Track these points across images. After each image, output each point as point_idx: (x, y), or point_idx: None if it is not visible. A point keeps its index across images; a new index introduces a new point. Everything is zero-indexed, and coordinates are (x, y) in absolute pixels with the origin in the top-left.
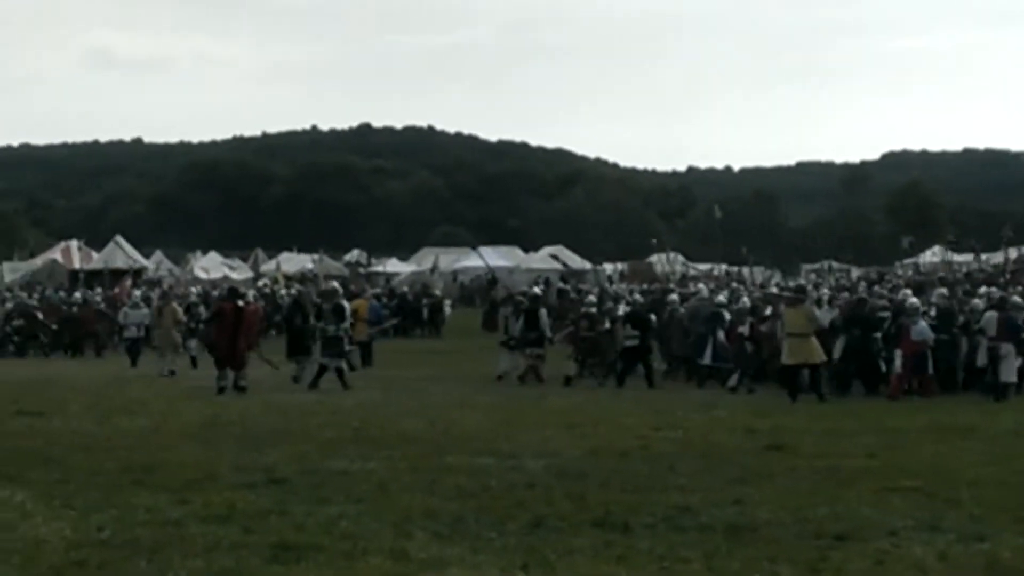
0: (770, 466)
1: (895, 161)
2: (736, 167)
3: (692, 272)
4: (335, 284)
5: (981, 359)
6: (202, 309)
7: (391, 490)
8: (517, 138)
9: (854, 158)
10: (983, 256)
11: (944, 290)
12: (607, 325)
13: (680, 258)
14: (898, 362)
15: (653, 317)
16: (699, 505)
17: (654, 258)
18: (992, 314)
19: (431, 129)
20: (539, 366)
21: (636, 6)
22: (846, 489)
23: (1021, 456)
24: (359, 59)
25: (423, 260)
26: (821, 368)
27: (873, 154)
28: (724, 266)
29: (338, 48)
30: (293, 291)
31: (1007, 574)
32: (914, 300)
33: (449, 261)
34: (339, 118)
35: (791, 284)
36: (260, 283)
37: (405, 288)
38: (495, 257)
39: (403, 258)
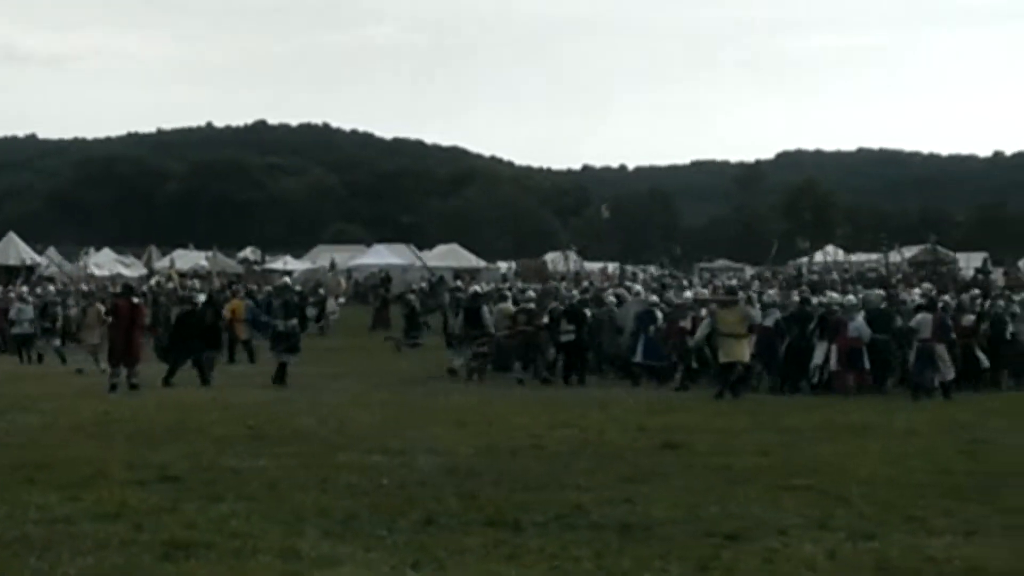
0: (663, 464)
1: (790, 160)
2: (631, 166)
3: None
4: (287, 280)
5: (911, 358)
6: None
7: (283, 488)
8: (412, 136)
9: (749, 157)
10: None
11: (881, 291)
12: (545, 320)
13: (574, 256)
14: (834, 359)
15: (589, 313)
16: (591, 504)
17: (549, 256)
18: (927, 315)
19: (326, 126)
20: (482, 365)
21: (532, 6)
22: (738, 487)
23: (914, 455)
24: (255, 56)
25: (317, 257)
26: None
27: (768, 153)
28: (617, 264)
29: (234, 45)
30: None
31: (895, 573)
32: (851, 297)
33: (344, 259)
34: (234, 115)
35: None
36: (152, 280)
37: (298, 287)
38: (389, 255)
39: (297, 255)
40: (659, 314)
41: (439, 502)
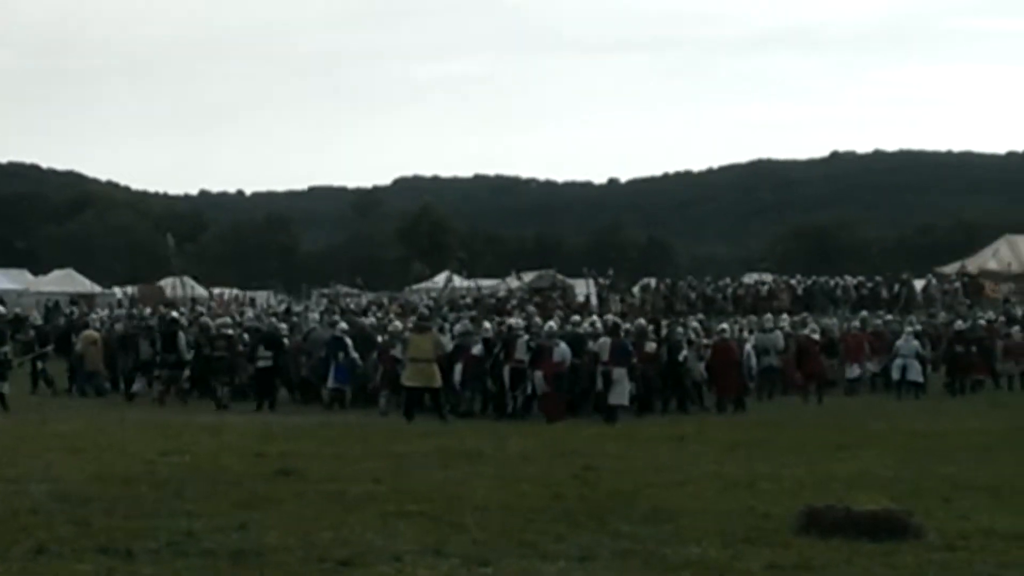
0: (277, 491)
1: (407, 186)
2: (248, 191)
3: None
4: (2, 309)
5: (597, 383)
6: None
7: None
8: (27, 160)
9: (366, 183)
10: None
11: (577, 316)
12: (240, 348)
13: (191, 282)
14: (539, 383)
15: (286, 340)
16: (204, 530)
17: (165, 282)
18: (606, 340)
19: None
20: (170, 389)
21: (147, 30)
22: (352, 514)
23: (526, 480)
24: None
25: None
26: (441, 392)
27: (385, 179)
28: (236, 290)
29: None
30: None
31: None
32: (552, 324)
33: None
34: None
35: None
36: None
37: None
38: (3, 280)
39: None
40: (348, 341)
41: (51, 530)
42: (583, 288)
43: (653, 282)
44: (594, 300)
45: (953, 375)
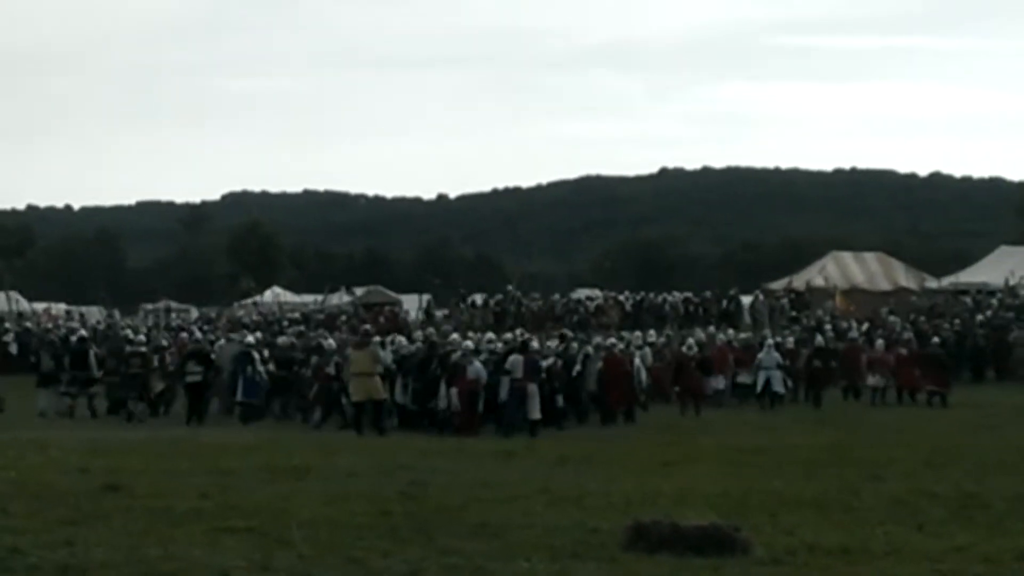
0: (104, 506)
1: (235, 201)
2: (77, 206)
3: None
4: None
5: (504, 397)
6: None
7: None
8: None
9: (195, 198)
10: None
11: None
12: (156, 363)
13: (16, 296)
14: (455, 400)
15: (214, 356)
16: (29, 546)
17: None
18: (518, 357)
19: None
20: (74, 405)
21: None
22: (179, 529)
23: (354, 497)
24: None
25: None
26: (385, 404)
27: (213, 194)
28: (64, 305)
29: None
30: None
31: None
32: (468, 343)
33: None
34: None
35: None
36: None
37: None
38: None
39: None
40: (256, 355)
41: None
42: (411, 303)
43: (480, 298)
44: (420, 315)
45: (812, 388)
